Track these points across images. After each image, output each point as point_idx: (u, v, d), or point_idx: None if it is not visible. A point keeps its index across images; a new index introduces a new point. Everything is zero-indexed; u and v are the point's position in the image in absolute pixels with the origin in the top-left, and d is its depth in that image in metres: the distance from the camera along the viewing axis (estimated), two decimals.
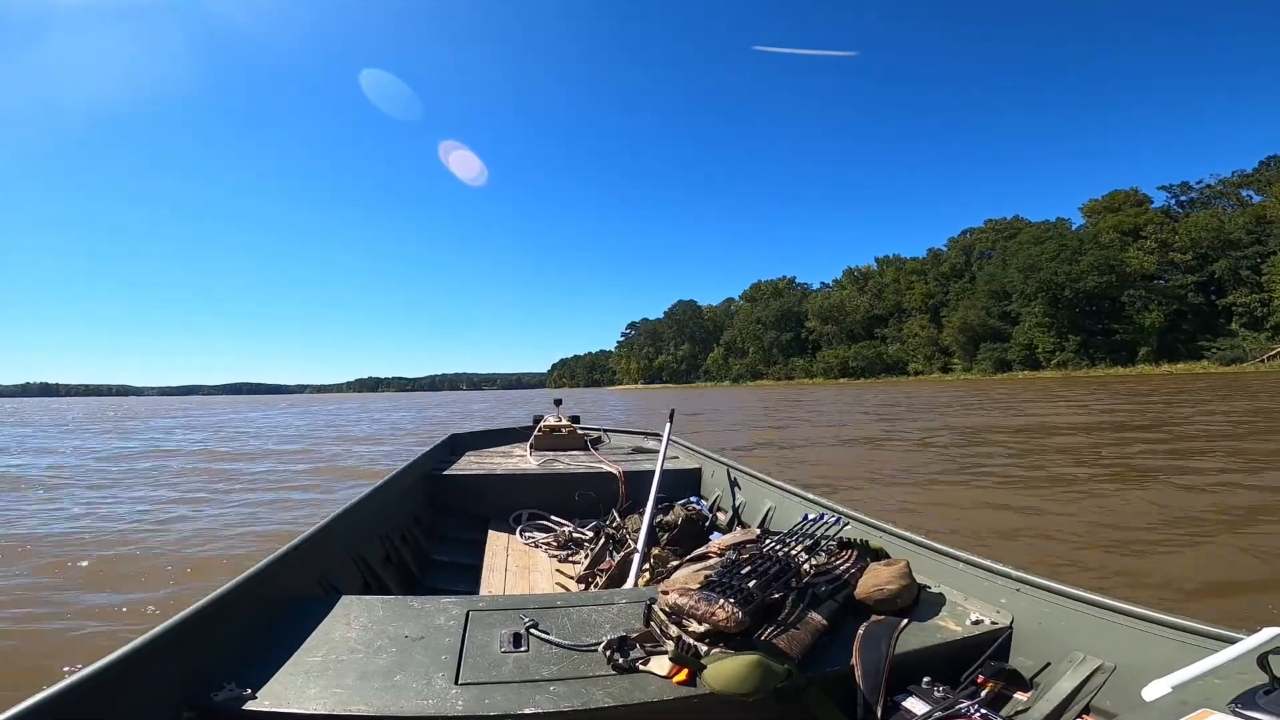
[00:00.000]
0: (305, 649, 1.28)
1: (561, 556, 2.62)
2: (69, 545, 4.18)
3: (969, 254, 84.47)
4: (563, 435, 4.01)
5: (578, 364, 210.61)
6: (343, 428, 16.64)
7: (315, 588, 1.69)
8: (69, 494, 6.32)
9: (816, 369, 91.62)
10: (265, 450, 10.75)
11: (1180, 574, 3.19)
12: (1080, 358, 61.82)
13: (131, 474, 7.86)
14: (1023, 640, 1.36)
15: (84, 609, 3.08)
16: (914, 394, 31.85)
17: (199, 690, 1.11)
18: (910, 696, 1.21)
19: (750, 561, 1.47)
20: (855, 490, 5.79)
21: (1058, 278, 61.34)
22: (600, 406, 27.12)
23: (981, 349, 70.36)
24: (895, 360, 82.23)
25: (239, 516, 5.08)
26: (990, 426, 11.75)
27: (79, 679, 0.96)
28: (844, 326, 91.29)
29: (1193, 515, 4.32)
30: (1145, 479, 5.77)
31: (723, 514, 2.89)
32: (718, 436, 11.59)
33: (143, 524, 4.80)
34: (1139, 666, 1.14)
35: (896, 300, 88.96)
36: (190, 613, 1.20)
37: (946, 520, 4.49)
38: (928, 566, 1.65)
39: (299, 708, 1.08)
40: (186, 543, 4.23)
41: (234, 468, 8.32)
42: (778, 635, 1.27)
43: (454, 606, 1.45)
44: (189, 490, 6.49)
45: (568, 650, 1.27)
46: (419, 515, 2.84)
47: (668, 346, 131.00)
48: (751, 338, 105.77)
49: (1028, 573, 1.45)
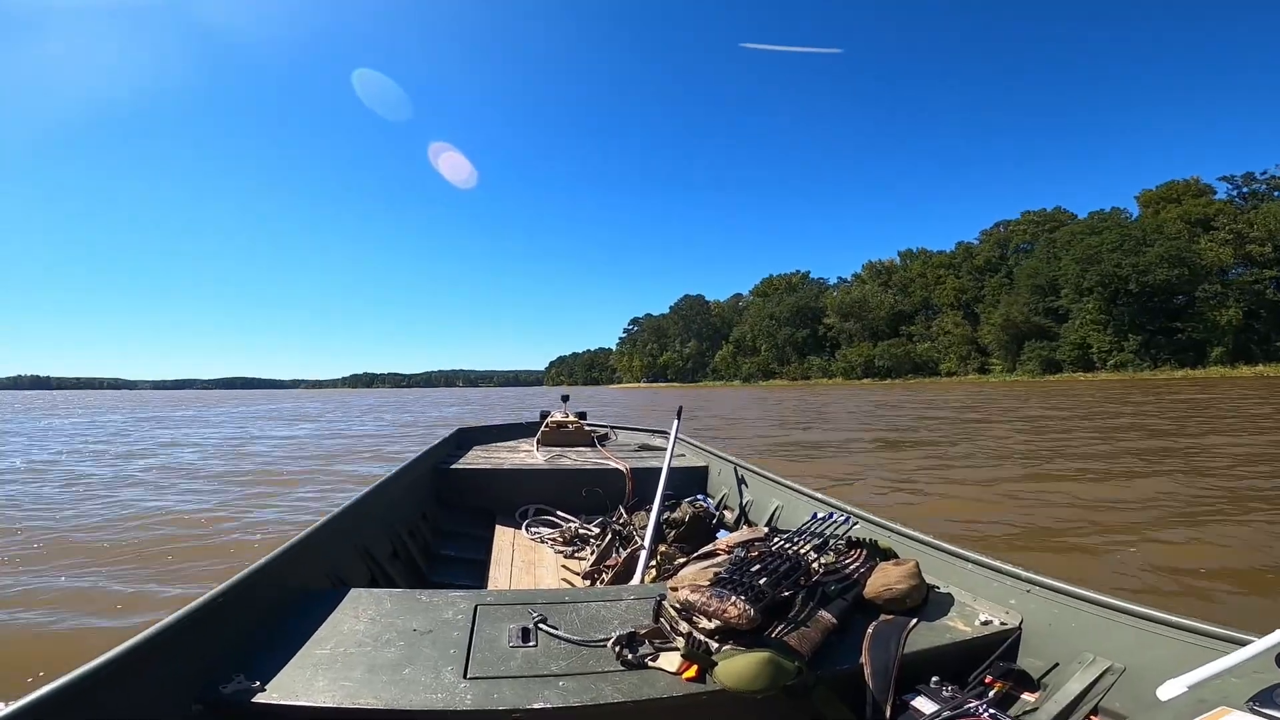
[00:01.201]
0: (314, 642, 1.27)
1: (567, 552, 2.59)
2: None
3: (1005, 247, 78.14)
4: (569, 431, 4.00)
5: (576, 361, 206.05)
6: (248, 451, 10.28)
7: (323, 581, 1.67)
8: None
9: (836, 368, 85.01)
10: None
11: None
12: (1141, 358, 55.66)
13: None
14: (1032, 641, 1.35)
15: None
16: (975, 396, 27.89)
17: (208, 682, 1.11)
18: (919, 696, 1.20)
19: (760, 559, 1.46)
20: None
21: (1122, 270, 55.03)
22: (610, 406, 25.05)
23: (1026, 348, 63.91)
24: (925, 359, 75.63)
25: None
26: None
27: (88, 670, 0.95)
28: (867, 323, 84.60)
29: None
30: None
31: (730, 512, 2.88)
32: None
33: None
34: (1148, 667, 1.14)
35: (924, 295, 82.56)
36: (199, 605, 1.19)
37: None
38: (937, 566, 1.64)
39: (307, 700, 1.08)
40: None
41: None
42: (788, 633, 1.26)
43: (462, 600, 1.45)
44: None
45: (576, 645, 1.27)
46: (425, 509, 2.82)
47: (673, 343, 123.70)
48: (764, 334, 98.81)
49: (1037, 573, 1.44)
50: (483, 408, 27.86)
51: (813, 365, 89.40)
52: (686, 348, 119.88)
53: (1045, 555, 3.74)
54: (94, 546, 4.05)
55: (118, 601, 3.07)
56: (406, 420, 18.59)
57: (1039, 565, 1.48)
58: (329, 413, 23.83)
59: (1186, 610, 1.18)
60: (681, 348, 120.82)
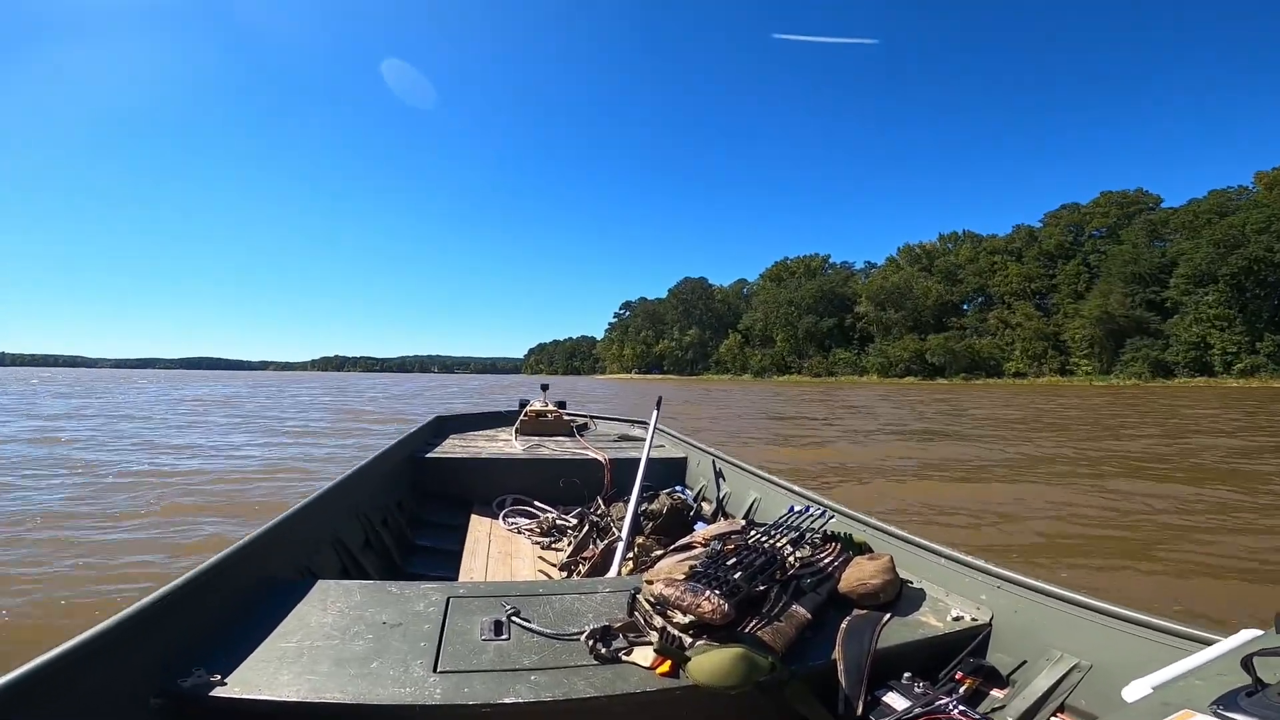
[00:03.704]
0: (279, 634, 1.23)
1: (544, 543, 2.56)
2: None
3: (1079, 231, 66.07)
4: (549, 420, 3.92)
5: (557, 349, 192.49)
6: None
7: (291, 571, 1.63)
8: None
9: (870, 364, 72.34)
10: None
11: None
12: (1277, 363, 43.88)
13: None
14: (1001, 637, 1.36)
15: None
16: (1126, 405, 20.48)
17: (167, 676, 1.07)
18: (891, 692, 1.20)
19: (735, 553, 1.46)
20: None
21: (1275, 255, 42.97)
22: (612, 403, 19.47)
23: (1127, 346, 51.80)
24: (986, 357, 63.16)
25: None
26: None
27: (40, 663, 0.91)
28: (910, 313, 71.84)
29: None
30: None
31: (708, 504, 2.87)
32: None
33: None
34: (1114, 666, 1.15)
35: (978, 283, 70.20)
36: (160, 595, 1.15)
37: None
38: (911, 561, 1.64)
39: (270, 695, 1.05)
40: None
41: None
42: (762, 628, 1.24)
43: (434, 593, 1.42)
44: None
45: (550, 639, 1.25)
46: (401, 498, 2.77)
47: (671, 331, 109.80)
48: (781, 323, 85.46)
49: (1007, 570, 1.45)
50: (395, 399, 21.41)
51: (839, 359, 76.63)
52: (687, 336, 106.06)
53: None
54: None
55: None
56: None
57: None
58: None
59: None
60: (681, 336, 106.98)
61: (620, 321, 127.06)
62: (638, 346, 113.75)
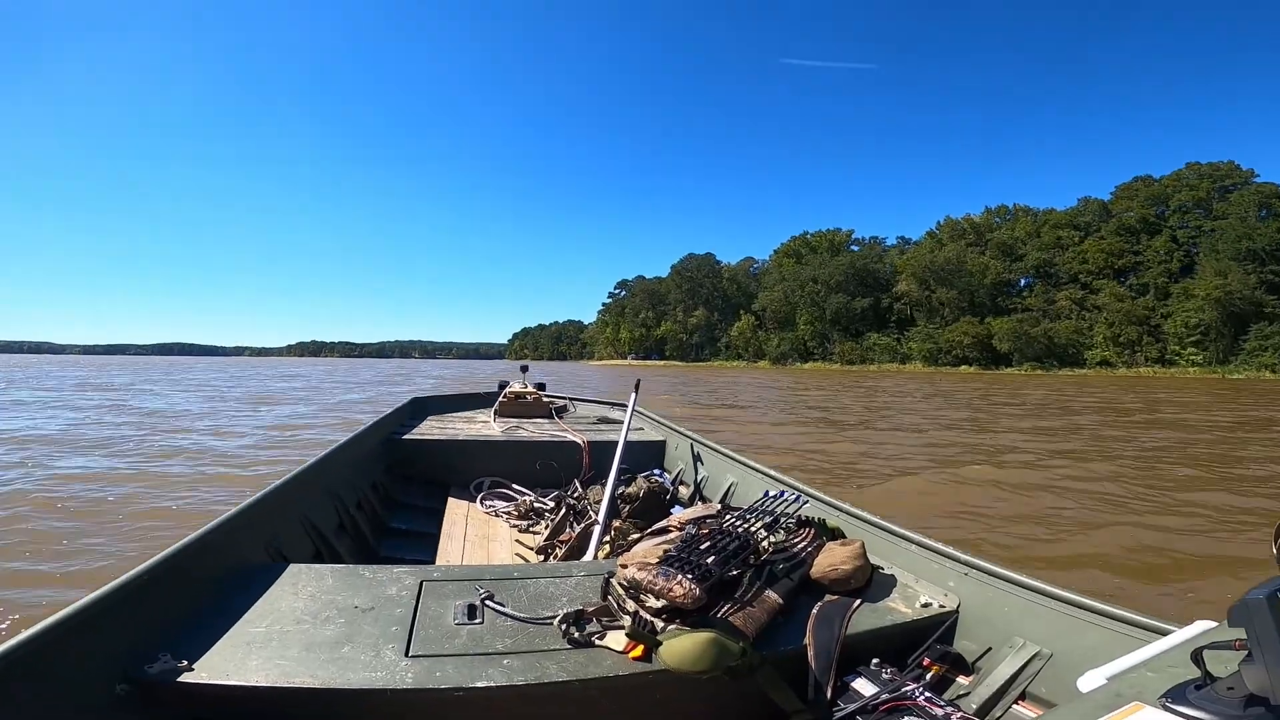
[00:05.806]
0: (248, 619, 1.22)
1: (522, 526, 2.55)
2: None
3: (1163, 205, 56.93)
4: (528, 402, 3.93)
5: (542, 334, 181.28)
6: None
7: (262, 555, 1.59)
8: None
9: (914, 350, 62.66)
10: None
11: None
12: None
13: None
14: (968, 624, 1.37)
15: None
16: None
17: (134, 662, 1.05)
18: (859, 678, 1.22)
19: (710, 537, 1.45)
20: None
21: None
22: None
23: (1252, 333, 42.69)
24: (1065, 344, 53.79)
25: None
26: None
27: (1, 651, 0.89)
28: (963, 293, 62.27)
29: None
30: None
31: (685, 487, 2.87)
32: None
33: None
34: (1073, 654, 1.17)
35: (1042, 259, 60.82)
36: (127, 579, 1.13)
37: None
38: (882, 547, 1.65)
39: (239, 680, 1.04)
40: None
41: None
42: (734, 613, 1.25)
43: (407, 576, 1.41)
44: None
45: (523, 623, 1.25)
46: (376, 480, 2.73)
47: (674, 312, 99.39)
48: (806, 303, 75.37)
49: (974, 556, 1.45)
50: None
51: (876, 345, 66.89)
52: (692, 318, 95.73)
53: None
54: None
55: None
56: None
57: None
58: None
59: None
60: (685, 317, 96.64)
61: (616, 301, 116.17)
62: (636, 329, 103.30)
